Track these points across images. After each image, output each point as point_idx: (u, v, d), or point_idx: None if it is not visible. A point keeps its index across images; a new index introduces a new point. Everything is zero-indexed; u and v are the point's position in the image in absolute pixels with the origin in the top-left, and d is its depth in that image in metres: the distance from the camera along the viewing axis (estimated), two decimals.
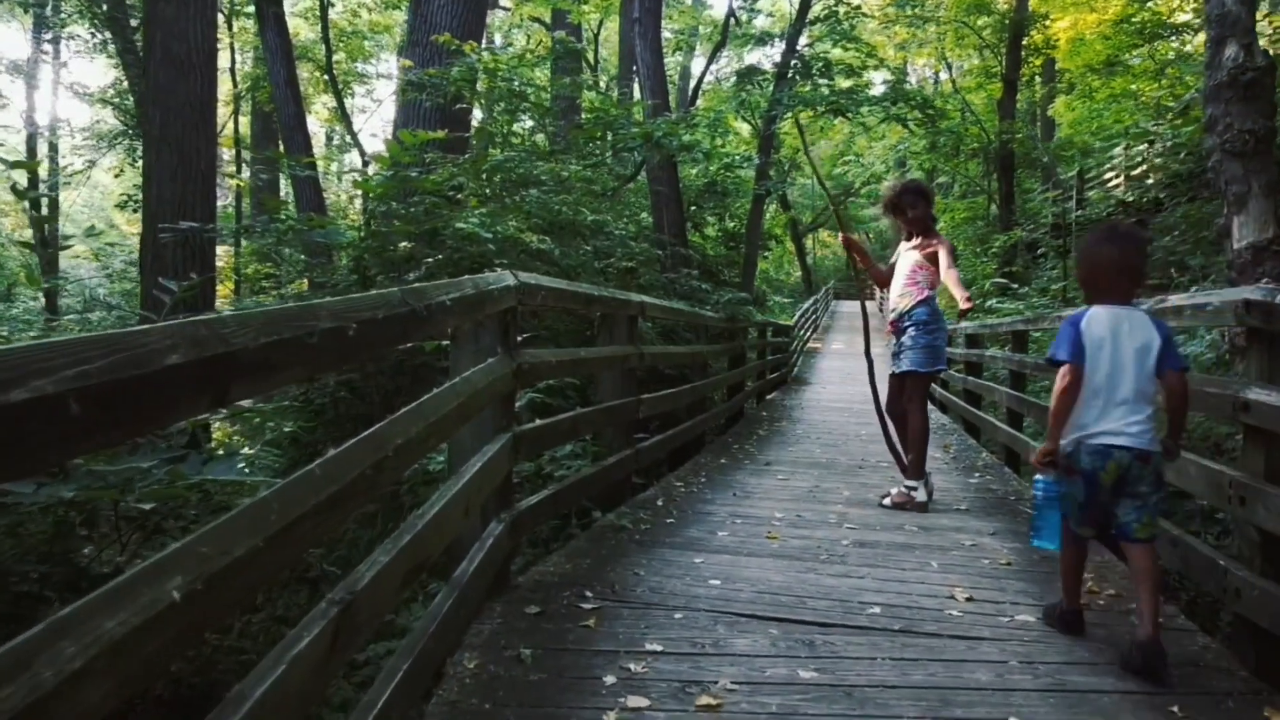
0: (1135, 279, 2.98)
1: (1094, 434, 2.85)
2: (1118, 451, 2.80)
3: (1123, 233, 3.07)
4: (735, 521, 4.77)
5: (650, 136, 9.38)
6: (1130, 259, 2.95)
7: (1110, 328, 2.88)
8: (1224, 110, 4.96)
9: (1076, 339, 2.90)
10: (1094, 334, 2.88)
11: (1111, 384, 2.84)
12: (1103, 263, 2.98)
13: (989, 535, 4.63)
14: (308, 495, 1.59)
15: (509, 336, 3.29)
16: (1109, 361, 2.85)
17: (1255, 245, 4.83)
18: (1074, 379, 2.88)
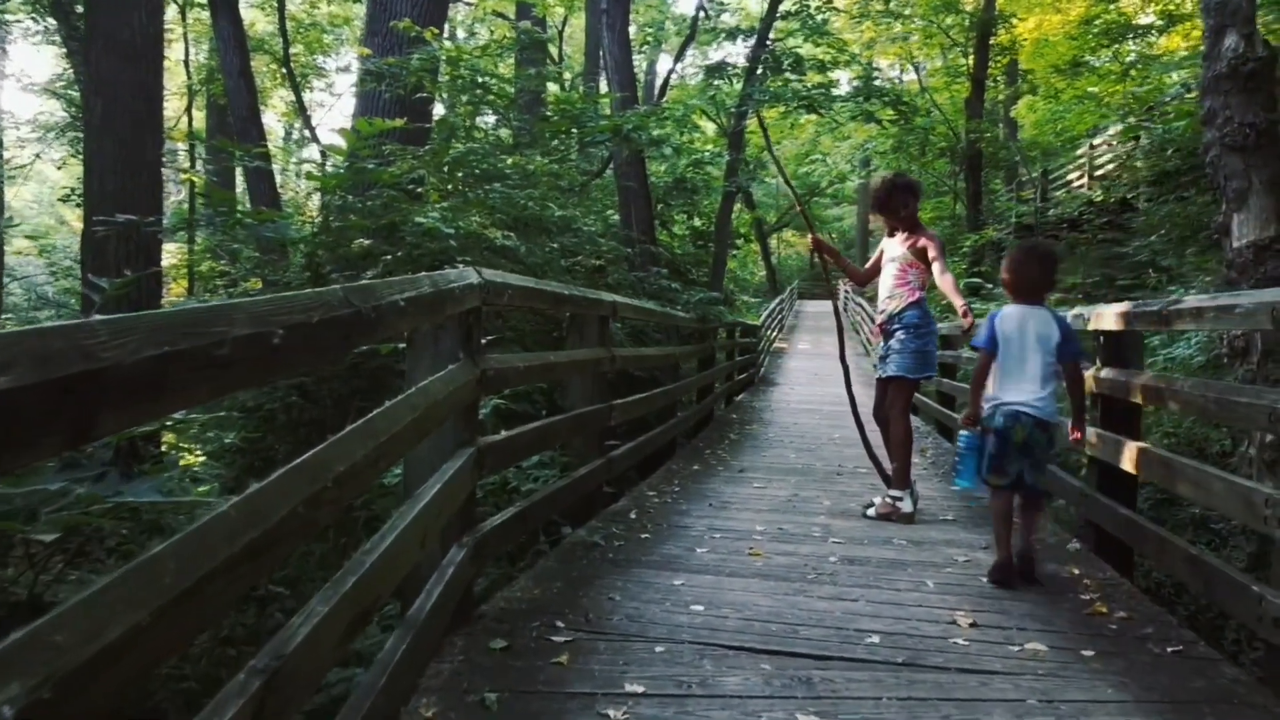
0: (1045, 286, 3.84)
1: (1006, 402, 3.67)
2: (1024, 416, 3.60)
3: (1040, 251, 3.97)
4: (714, 536, 4.47)
5: (619, 130, 9.07)
6: (1041, 270, 3.82)
7: (1019, 322, 3.72)
8: (1223, 103, 4.75)
9: (991, 331, 3.77)
10: (1005, 328, 3.73)
11: (1020, 365, 3.67)
12: (1021, 272, 3.83)
13: (982, 550, 4.38)
14: (218, 546, 1.26)
15: (472, 340, 2.96)
16: (1018, 348, 3.69)
17: (1257, 243, 4.62)
18: (986, 361, 3.81)
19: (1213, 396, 3.01)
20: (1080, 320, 4.62)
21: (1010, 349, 3.69)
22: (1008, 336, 3.71)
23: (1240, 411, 2.81)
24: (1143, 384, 3.65)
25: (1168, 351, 7.36)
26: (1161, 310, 3.38)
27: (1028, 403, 3.60)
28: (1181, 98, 14.29)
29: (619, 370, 5.81)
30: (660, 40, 25.70)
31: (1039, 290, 3.82)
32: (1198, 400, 3.14)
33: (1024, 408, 3.60)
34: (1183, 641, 3.04)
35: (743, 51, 14.27)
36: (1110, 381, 4.07)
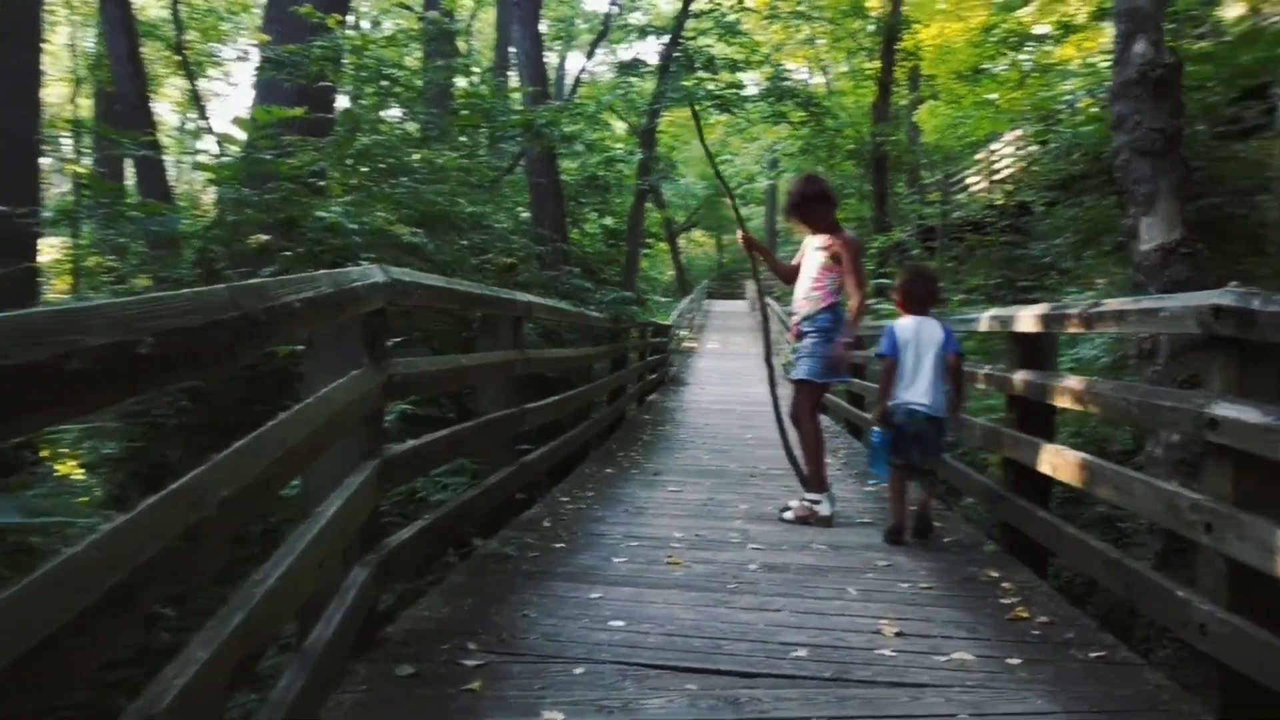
0: (930, 301, 4.55)
1: (905, 401, 4.34)
2: (918, 413, 4.31)
3: (924, 272, 5.08)
4: (631, 544, 4.34)
5: (530, 125, 8.86)
6: (926, 288, 4.59)
7: (914, 331, 4.39)
8: (1133, 108, 4.83)
9: (892, 341, 4.41)
10: (903, 336, 4.40)
11: (915, 369, 4.34)
12: (910, 290, 4.56)
13: (901, 553, 4.34)
14: (71, 596, 1.06)
15: (377, 343, 2.76)
16: (913, 354, 4.35)
17: (1163, 247, 4.71)
18: (891, 366, 4.40)
19: (1135, 400, 3.01)
20: (997, 322, 4.63)
21: (907, 354, 4.38)
22: (905, 343, 4.40)
23: (1164, 415, 2.80)
24: (1062, 386, 3.65)
25: (1073, 353, 7.53)
26: (1083, 313, 3.37)
27: (922, 402, 4.32)
28: (1074, 105, 14.77)
29: (532, 373, 5.63)
30: (572, 37, 25.48)
31: (926, 303, 4.54)
32: (1120, 403, 3.14)
33: (918, 406, 4.32)
34: (1104, 646, 3.03)
35: (655, 49, 14.22)
36: (1028, 383, 4.07)
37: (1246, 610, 2.39)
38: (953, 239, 17.12)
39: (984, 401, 8.13)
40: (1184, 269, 4.65)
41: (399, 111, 12.05)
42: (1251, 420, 2.33)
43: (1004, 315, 4.49)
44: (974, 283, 15.31)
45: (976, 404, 8.28)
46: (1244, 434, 2.35)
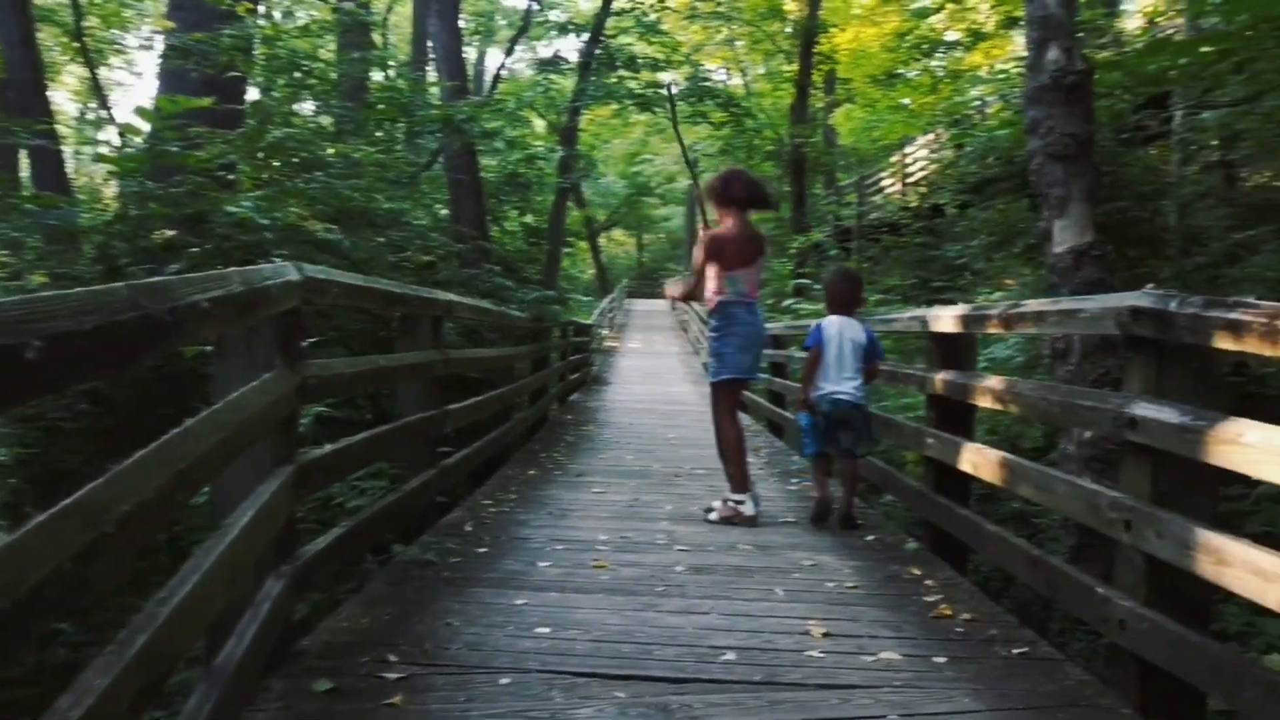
0: (854, 302, 5.02)
1: (829, 391, 4.75)
2: (842, 401, 4.73)
3: (849, 274, 5.53)
4: (556, 548, 4.26)
5: (450, 121, 8.68)
6: (851, 290, 5.05)
7: (838, 329, 4.81)
8: (1047, 113, 4.94)
9: (818, 335, 4.85)
10: (829, 333, 4.81)
11: (839, 362, 4.76)
12: (836, 291, 5.05)
13: (826, 552, 4.36)
14: None
15: (291, 344, 2.64)
16: (836, 349, 4.76)
17: (1075, 249, 4.83)
18: (815, 358, 4.83)
19: (1056, 400, 3.06)
20: (918, 322, 4.69)
21: (831, 349, 4.79)
22: (829, 339, 4.81)
23: (1084, 415, 2.85)
24: (983, 386, 3.70)
25: (988, 352, 7.70)
26: (1003, 314, 3.43)
27: (845, 391, 4.74)
28: (984, 110, 15.17)
29: (453, 373, 5.51)
30: (491, 32, 25.19)
31: (850, 304, 4.98)
32: (1041, 403, 3.19)
33: (842, 395, 4.74)
34: (1026, 642, 3.07)
35: (576, 47, 14.12)
36: (949, 383, 4.13)
37: (1164, 606, 2.44)
38: (869, 240, 17.44)
39: (901, 400, 8.28)
40: (1095, 271, 4.78)
41: (313, 104, 11.74)
42: (1170, 420, 2.37)
43: (925, 316, 4.55)
44: (890, 283, 15.60)
45: (894, 402, 8.43)
46: (1162, 433, 2.40)
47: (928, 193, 16.29)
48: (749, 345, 4.96)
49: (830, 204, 20.52)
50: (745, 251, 4.94)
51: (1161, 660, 2.40)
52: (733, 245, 4.92)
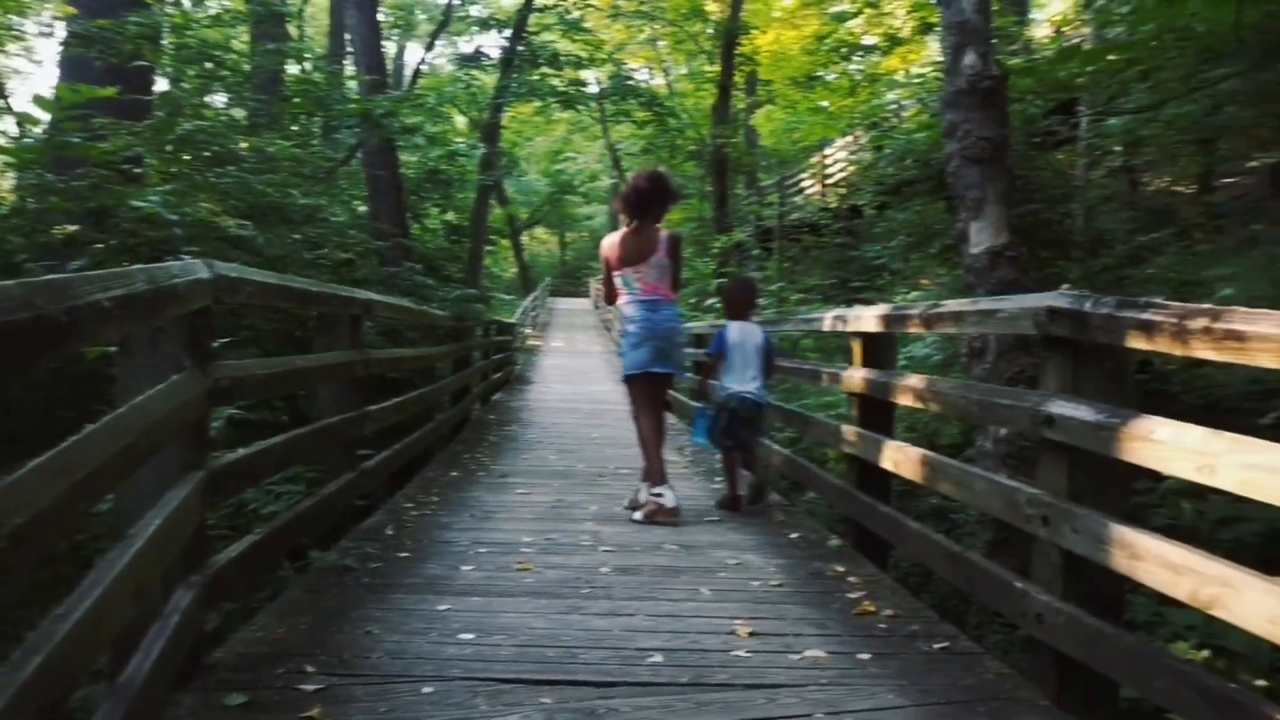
0: (750, 307, 5.50)
1: (737, 390, 5.13)
2: (749, 400, 5.13)
3: (745, 283, 5.91)
4: (479, 551, 4.19)
5: (368, 115, 8.49)
6: (748, 297, 5.55)
7: (740, 333, 5.22)
8: (964, 117, 5.05)
9: (721, 340, 5.25)
10: (731, 338, 5.20)
11: (742, 365, 5.15)
12: (735, 299, 5.52)
13: (751, 550, 4.38)
14: None
15: (201, 345, 2.53)
16: (740, 352, 5.16)
17: (991, 250, 4.94)
18: (715, 362, 5.29)
19: (975, 398, 3.12)
20: (840, 322, 4.74)
21: (735, 354, 5.17)
22: (733, 344, 5.19)
23: (1002, 413, 2.91)
24: (904, 385, 3.76)
25: (906, 351, 7.85)
26: (924, 314, 3.48)
27: (750, 390, 5.14)
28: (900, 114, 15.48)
29: (373, 374, 5.39)
30: (411, 26, 24.79)
31: (748, 310, 5.47)
32: (960, 401, 3.25)
33: (748, 394, 5.13)
34: (947, 637, 3.12)
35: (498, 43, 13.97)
36: (870, 382, 4.18)
37: (1080, 599, 2.50)
38: (790, 240, 17.65)
39: (823, 399, 8.39)
40: (1010, 271, 4.90)
41: (226, 97, 11.39)
42: (1085, 418, 2.43)
43: (846, 315, 4.61)
44: (811, 283, 15.83)
45: (816, 400, 8.54)
46: (1078, 431, 2.46)
47: (847, 194, 16.57)
48: (644, 340, 5.03)
49: (752, 204, 20.72)
50: (636, 251, 5.08)
51: (1077, 652, 2.46)
52: (622, 246, 5.11)
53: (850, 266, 15.12)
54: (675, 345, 5.17)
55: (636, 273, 5.08)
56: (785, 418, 6.27)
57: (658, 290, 5.09)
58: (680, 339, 5.29)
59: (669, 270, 5.14)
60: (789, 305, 13.94)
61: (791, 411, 6.26)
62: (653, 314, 5.04)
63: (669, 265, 5.14)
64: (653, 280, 5.09)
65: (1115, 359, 2.49)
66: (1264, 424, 4.64)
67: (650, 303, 5.06)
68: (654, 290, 5.09)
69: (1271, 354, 1.81)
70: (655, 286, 5.09)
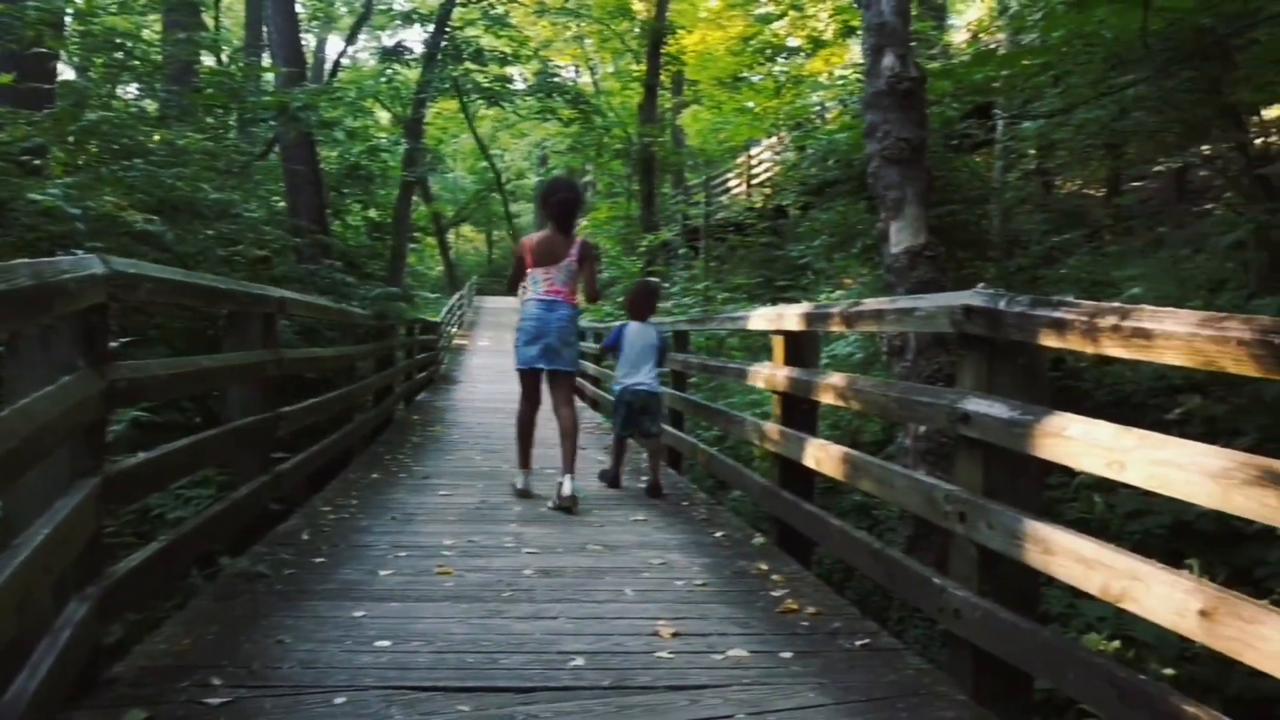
0: (649, 310, 6.00)
1: (632, 383, 5.66)
2: (642, 391, 5.66)
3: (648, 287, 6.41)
4: (399, 555, 4.09)
5: (285, 108, 8.26)
6: (648, 301, 6.06)
7: (637, 333, 5.74)
8: (883, 118, 5.11)
9: (618, 336, 5.81)
10: (629, 336, 5.73)
11: (638, 360, 5.68)
12: (635, 301, 6.04)
13: (675, 550, 4.37)
14: None
15: (96, 344, 2.41)
16: (636, 349, 5.68)
17: (911, 250, 5.01)
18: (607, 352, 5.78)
19: (895, 396, 3.14)
20: (763, 320, 4.76)
21: (632, 350, 5.70)
22: (630, 342, 5.73)
23: (921, 411, 2.93)
24: (826, 383, 3.78)
25: (829, 349, 7.93)
26: (844, 312, 3.50)
27: (643, 383, 5.68)
28: (824, 115, 15.69)
29: (288, 374, 5.24)
30: (332, 19, 24.28)
31: (646, 312, 5.97)
32: (880, 399, 3.27)
33: (640, 386, 5.67)
34: (868, 634, 3.14)
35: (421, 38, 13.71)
36: (793, 380, 4.20)
37: (996, 594, 2.53)
38: (716, 239, 17.76)
39: (748, 397, 8.44)
40: (929, 271, 4.98)
41: (136, 88, 10.98)
42: (1000, 415, 2.46)
43: (770, 314, 4.62)
44: (737, 282, 15.94)
45: (742, 399, 8.59)
46: (993, 428, 2.49)
47: (772, 194, 16.73)
48: (535, 338, 5.35)
49: (679, 204, 20.79)
50: (550, 253, 5.39)
51: (994, 647, 2.49)
52: (540, 247, 5.44)
53: (776, 266, 15.27)
54: (566, 344, 5.40)
55: (546, 273, 5.38)
56: (710, 415, 6.29)
57: (560, 292, 5.38)
58: (572, 338, 5.47)
59: (577, 275, 5.44)
60: (715, 305, 14.03)
61: (717, 410, 6.24)
62: (548, 313, 5.33)
63: (578, 270, 5.43)
64: (559, 283, 5.38)
65: (1029, 356, 2.52)
66: (1170, 419, 4.80)
67: (548, 303, 5.35)
68: (556, 292, 5.38)
69: (1176, 351, 1.84)
70: (559, 289, 5.39)
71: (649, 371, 5.67)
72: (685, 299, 14.39)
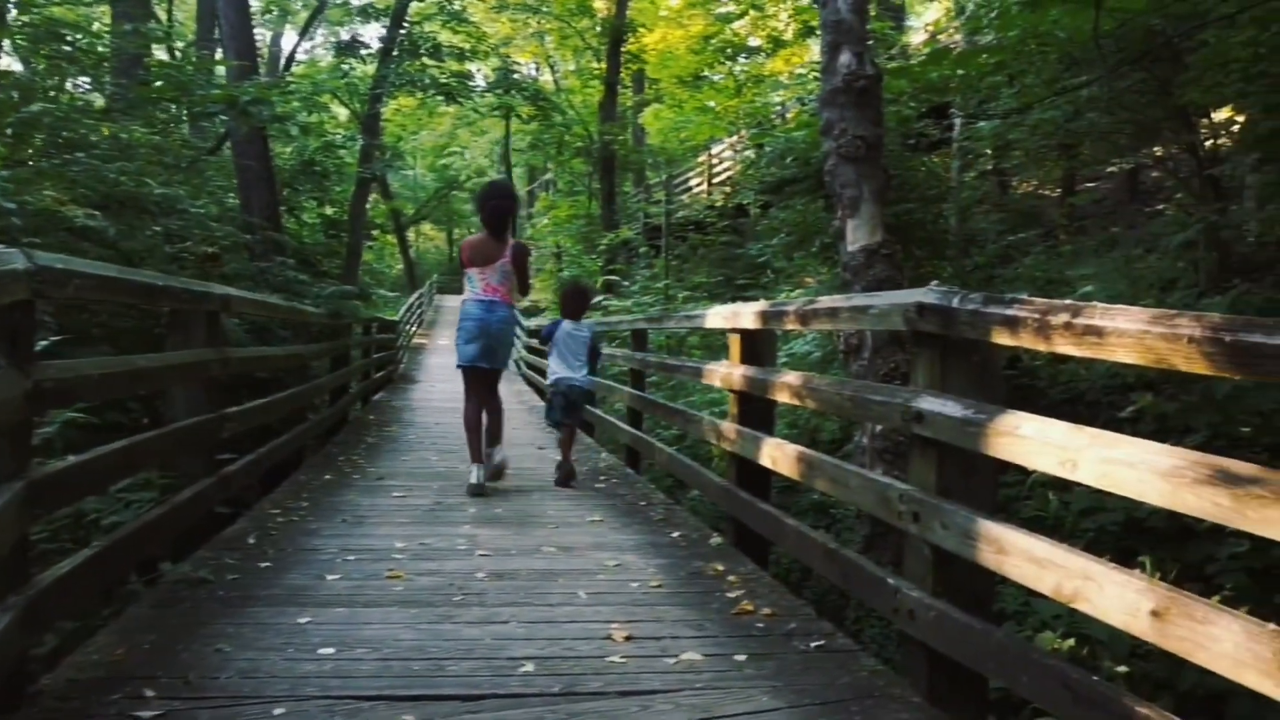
0: (582, 310, 6.24)
1: (564, 377, 5.99)
2: (575, 386, 6.00)
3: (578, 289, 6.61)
4: (348, 559, 4.00)
5: (235, 102, 8.07)
6: (579, 302, 6.29)
7: (569, 330, 6.02)
8: (839, 115, 5.09)
9: (551, 332, 6.14)
10: (559, 335, 6.03)
11: (570, 356, 5.99)
12: (570, 302, 6.25)
13: (631, 551, 4.31)
14: None
15: (20, 343, 2.30)
16: (567, 345, 5.97)
17: (867, 248, 5.00)
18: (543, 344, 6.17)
19: (848, 394, 3.11)
20: (720, 319, 4.72)
21: (565, 347, 6.05)
22: (559, 339, 6.07)
23: (875, 410, 2.91)
24: (782, 382, 3.74)
25: (788, 348, 7.92)
26: (799, 310, 3.47)
27: (574, 378, 6.04)
28: (784, 114, 15.73)
29: (236, 373, 5.11)
30: (287, 13, 23.90)
31: (578, 312, 6.25)
32: (835, 398, 3.24)
33: (571, 381, 6.04)
34: (823, 634, 3.11)
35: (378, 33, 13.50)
36: (749, 379, 4.16)
37: (950, 595, 2.51)
38: (677, 237, 17.74)
39: (707, 396, 8.41)
40: (885, 269, 4.96)
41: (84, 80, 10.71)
42: (953, 414, 2.44)
43: (726, 312, 4.58)
44: (697, 280, 15.94)
45: (701, 398, 8.56)
46: (946, 427, 2.46)
47: (732, 193, 16.74)
48: (475, 337, 5.63)
49: (640, 203, 20.75)
50: (485, 255, 5.70)
51: (948, 649, 2.46)
52: (476, 248, 5.78)
53: (736, 265, 15.28)
54: (502, 344, 5.83)
55: (481, 273, 5.67)
56: (669, 414, 6.27)
57: (497, 292, 5.68)
58: (508, 339, 5.95)
59: (511, 276, 5.73)
60: (676, 303, 14.00)
61: (675, 409, 6.22)
62: (488, 314, 5.62)
63: (512, 272, 5.72)
64: (495, 282, 5.68)
65: (982, 354, 2.50)
66: (1123, 417, 4.83)
67: (487, 303, 5.65)
68: (494, 291, 5.67)
69: (1128, 349, 1.82)
70: (495, 288, 5.68)
71: (580, 367, 6.04)
72: (645, 297, 14.33)
